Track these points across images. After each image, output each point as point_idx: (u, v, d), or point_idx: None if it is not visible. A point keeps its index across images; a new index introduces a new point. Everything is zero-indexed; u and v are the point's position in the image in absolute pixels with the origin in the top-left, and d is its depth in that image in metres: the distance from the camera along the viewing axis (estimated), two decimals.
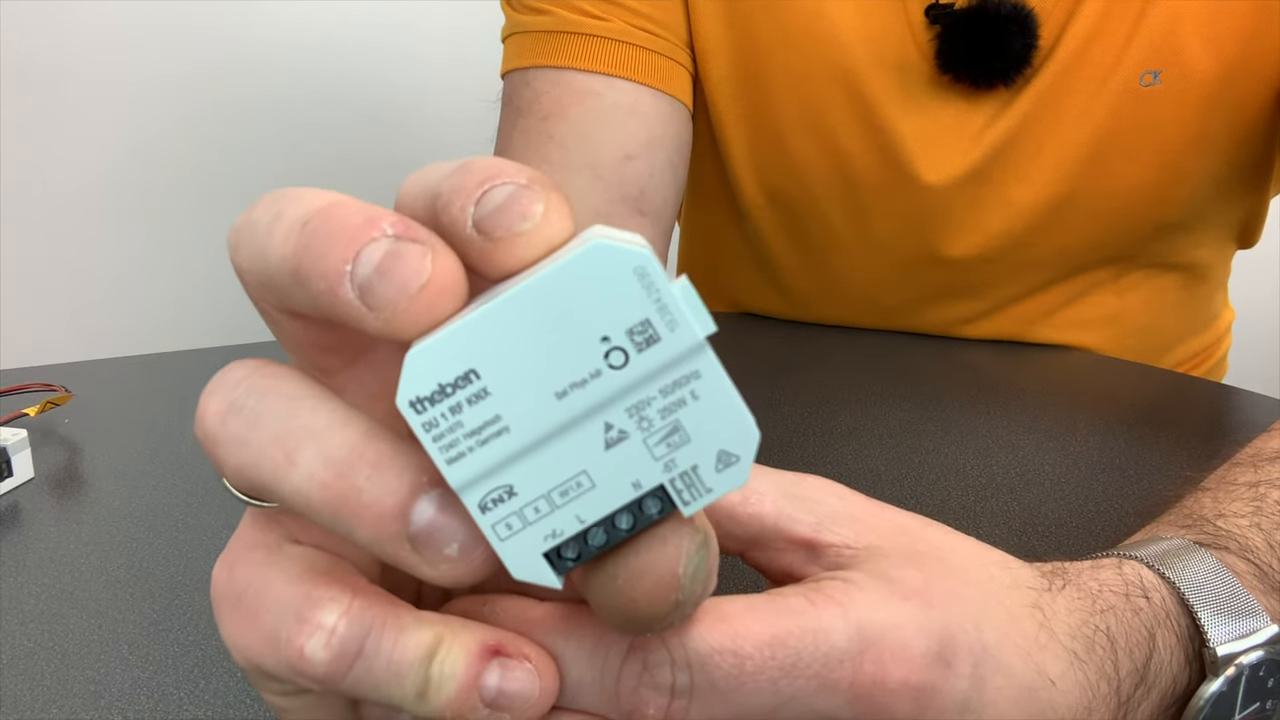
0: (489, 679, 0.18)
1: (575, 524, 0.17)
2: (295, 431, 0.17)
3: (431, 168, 0.18)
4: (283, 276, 0.17)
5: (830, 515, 0.23)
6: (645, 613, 0.17)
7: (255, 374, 0.18)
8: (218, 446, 0.18)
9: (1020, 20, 0.54)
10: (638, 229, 0.56)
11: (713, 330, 0.16)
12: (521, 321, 0.16)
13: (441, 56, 1.13)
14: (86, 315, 1.07)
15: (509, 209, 0.16)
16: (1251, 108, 0.56)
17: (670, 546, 0.17)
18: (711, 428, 0.17)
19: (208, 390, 0.18)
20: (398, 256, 0.16)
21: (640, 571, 0.17)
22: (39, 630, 0.33)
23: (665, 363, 0.16)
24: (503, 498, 0.17)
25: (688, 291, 0.16)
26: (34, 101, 1.00)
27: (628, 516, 0.17)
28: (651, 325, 0.16)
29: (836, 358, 0.62)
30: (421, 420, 0.16)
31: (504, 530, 0.17)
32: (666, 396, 0.17)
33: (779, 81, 0.59)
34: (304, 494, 0.17)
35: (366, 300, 0.16)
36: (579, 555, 0.17)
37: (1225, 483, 0.30)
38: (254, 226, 0.17)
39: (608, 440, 0.17)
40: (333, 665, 0.17)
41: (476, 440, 0.16)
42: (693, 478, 0.17)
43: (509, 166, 0.17)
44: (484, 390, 0.16)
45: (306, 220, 0.16)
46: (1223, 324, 0.75)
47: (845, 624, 0.20)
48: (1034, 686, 0.21)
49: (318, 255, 0.16)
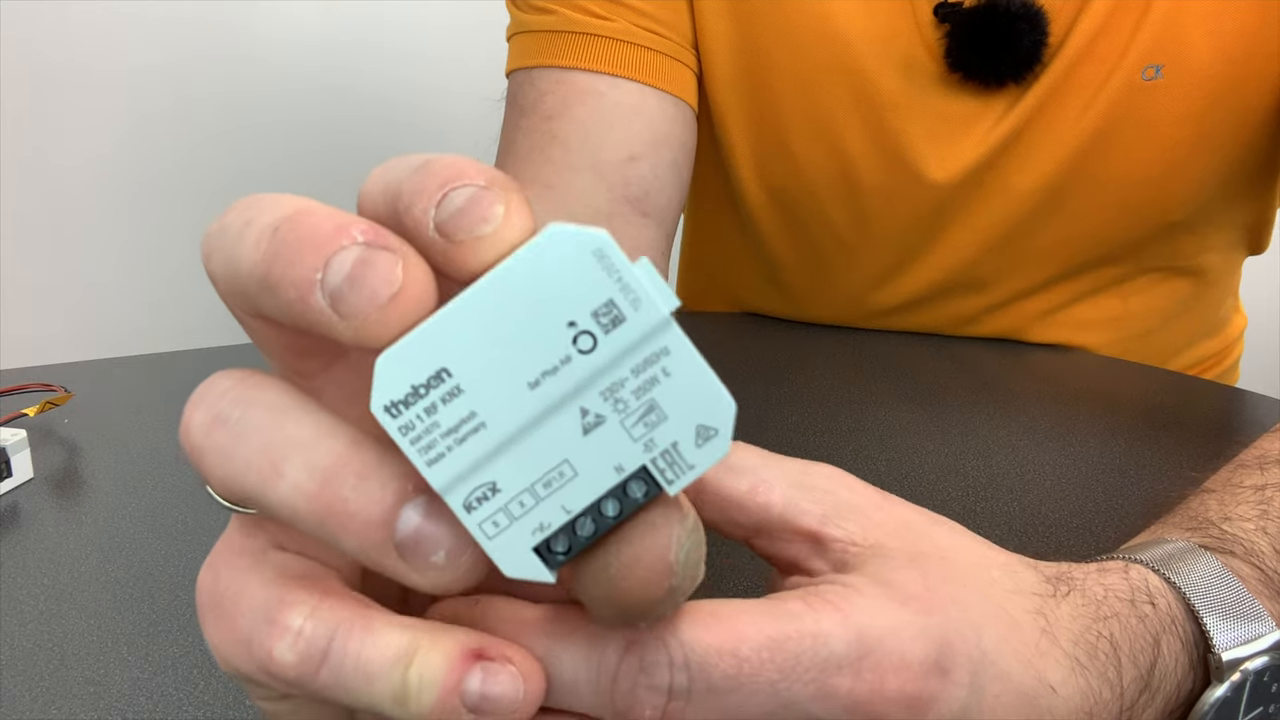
0: (471, 683, 0.18)
1: (562, 514, 0.17)
2: (281, 443, 0.17)
3: (393, 164, 0.18)
4: (253, 284, 0.17)
5: (837, 507, 0.23)
6: (639, 601, 0.17)
7: (240, 385, 0.18)
8: (203, 457, 0.18)
9: (1030, 18, 0.54)
10: (640, 230, 0.56)
11: (676, 305, 0.16)
12: (486, 314, 0.16)
13: (445, 55, 1.13)
14: (86, 315, 1.07)
15: (469, 212, 0.16)
16: (1256, 108, 0.56)
17: (661, 533, 0.17)
18: (686, 403, 0.17)
19: (192, 401, 0.18)
20: (368, 264, 0.16)
21: (633, 559, 0.17)
22: (39, 630, 0.33)
23: (633, 342, 0.16)
24: (487, 495, 0.17)
25: (648, 270, 0.16)
26: (34, 101, 1.00)
27: (614, 503, 0.17)
28: (615, 305, 0.16)
29: (837, 357, 0.62)
30: (397, 424, 0.16)
31: (491, 528, 0.17)
32: (638, 376, 0.17)
33: (784, 82, 0.59)
34: (290, 505, 0.17)
35: (338, 309, 0.16)
36: (569, 547, 0.17)
37: (1231, 485, 0.30)
38: (225, 233, 0.17)
39: (585, 426, 0.17)
40: (301, 667, 0.17)
41: (454, 439, 0.16)
42: (674, 455, 0.17)
43: (469, 167, 0.17)
44: (457, 388, 0.16)
45: (276, 227, 0.16)
46: (1233, 330, 0.74)
47: (844, 630, 0.20)
48: (1034, 693, 0.21)
49: (288, 263, 0.16)
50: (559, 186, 0.55)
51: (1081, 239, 0.61)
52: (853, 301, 0.67)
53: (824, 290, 0.67)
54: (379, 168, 0.18)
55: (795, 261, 0.67)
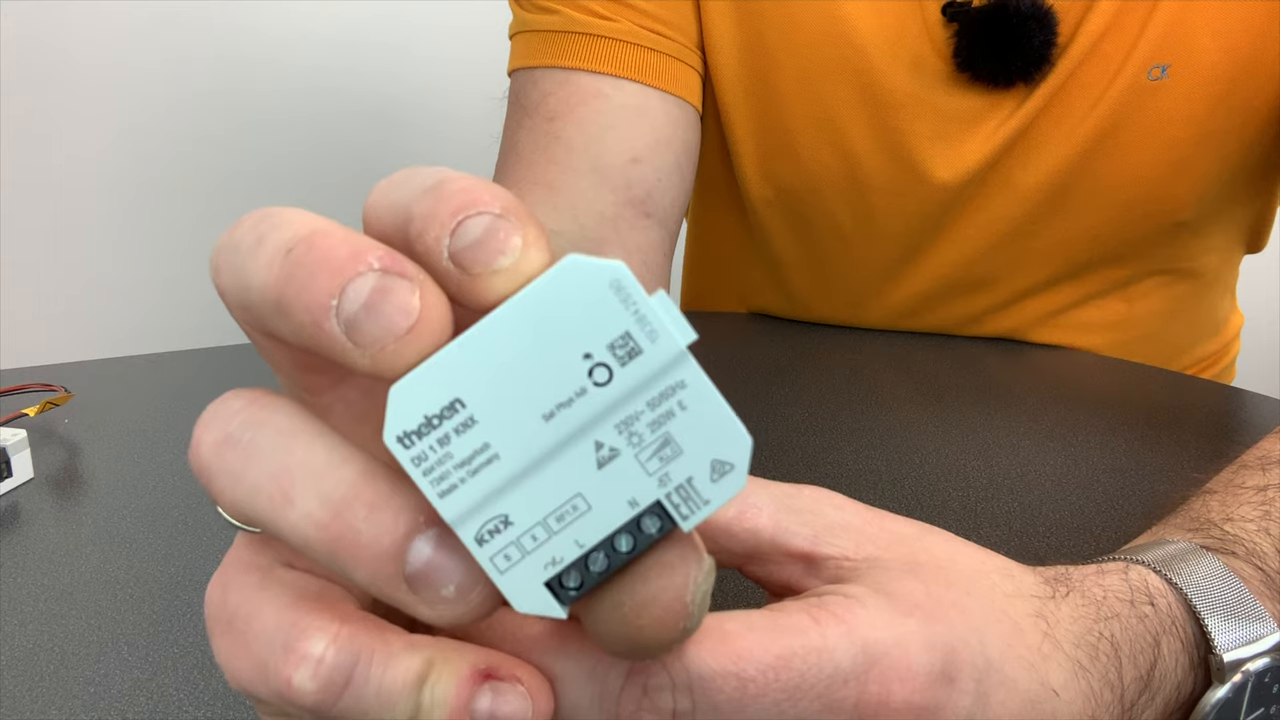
0: (480, 703, 0.17)
1: (575, 549, 0.17)
2: (291, 469, 0.17)
3: (400, 180, 0.17)
4: (265, 305, 0.16)
5: (827, 527, 0.23)
6: (651, 641, 0.17)
7: (252, 405, 0.18)
8: (213, 479, 0.18)
9: (1040, 17, 0.54)
10: (644, 231, 0.56)
11: (693, 339, 0.16)
12: (502, 345, 0.16)
13: (446, 53, 1.13)
14: (86, 315, 1.07)
15: (486, 244, 0.16)
16: (1261, 108, 0.56)
17: (678, 574, 0.17)
18: (702, 437, 0.17)
19: (202, 421, 0.18)
20: (385, 293, 0.15)
21: (649, 600, 0.17)
22: (39, 630, 0.33)
23: (649, 375, 0.16)
24: (499, 528, 0.17)
25: (665, 302, 0.16)
26: (35, 100, 1.00)
27: (627, 538, 0.17)
28: (632, 338, 0.16)
29: (838, 357, 0.62)
30: (410, 455, 0.16)
31: (503, 562, 0.17)
32: (654, 410, 0.16)
33: (790, 81, 0.59)
34: (301, 534, 0.17)
35: (353, 337, 0.15)
36: (582, 583, 0.17)
37: (1233, 486, 0.30)
38: (236, 250, 0.17)
39: (599, 459, 0.16)
40: (321, 695, 0.17)
41: (467, 470, 0.16)
42: (689, 490, 0.17)
43: (484, 193, 0.16)
44: (470, 419, 0.16)
45: (290, 248, 0.16)
46: (1231, 330, 0.74)
47: (849, 643, 0.19)
48: (1037, 698, 0.21)
49: (302, 287, 0.16)
50: (562, 188, 0.55)
51: (1085, 238, 0.61)
52: (857, 301, 0.67)
53: (828, 290, 0.67)
54: (384, 182, 0.18)
55: (799, 261, 0.67)
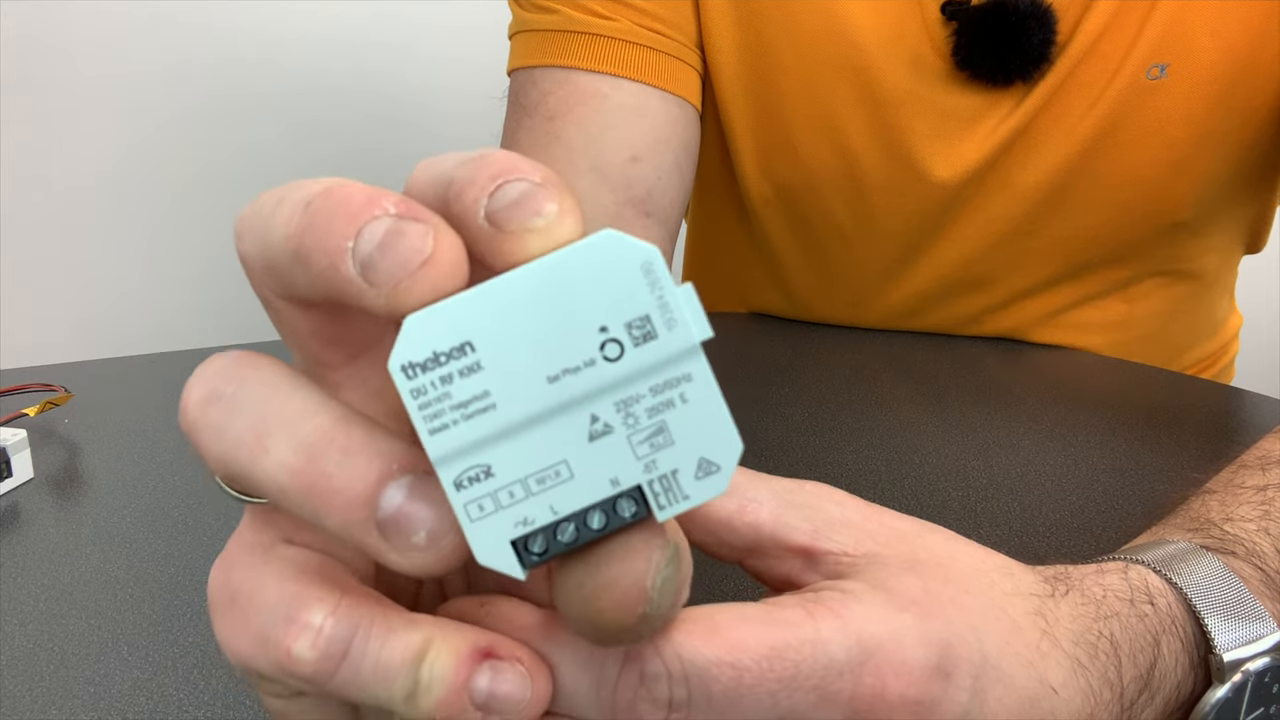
0: (479, 681, 0.18)
1: (548, 514, 0.17)
2: (268, 418, 0.17)
3: (444, 156, 0.18)
4: (285, 257, 0.17)
5: (828, 522, 0.23)
6: (611, 624, 0.17)
7: (236, 363, 0.18)
8: (199, 435, 0.18)
9: (1039, 16, 0.54)
10: (643, 230, 0.56)
11: (709, 336, 0.16)
12: (524, 300, 0.16)
13: (446, 53, 1.13)
14: (86, 315, 1.07)
15: (524, 205, 0.16)
16: (1260, 108, 0.56)
17: (639, 559, 0.17)
18: (696, 433, 0.17)
19: (191, 380, 0.19)
20: (399, 234, 0.16)
21: (608, 582, 0.17)
22: (39, 630, 0.33)
23: (659, 361, 0.16)
24: (479, 477, 0.17)
25: (690, 296, 0.16)
26: (35, 101, 1.00)
27: (600, 515, 0.17)
28: (651, 321, 0.16)
29: (838, 357, 0.62)
30: (410, 386, 0.16)
31: (476, 511, 0.17)
32: (655, 396, 0.17)
33: (789, 79, 0.59)
34: (276, 480, 0.17)
35: (368, 276, 0.16)
36: (546, 549, 0.17)
37: (1232, 486, 0.30)
38: (259, 213, 0.18)
39: (592, 432, 0.17)
40: (320, 665, 0.17)
41: (462, 414, 0.16)
42: (671, 482, 0.17)
43: (524, 163, 0.17)
44: (477, 364, 0.16)
45: (309, 201, 0.17)
46: (1230, 330, 0.74)
47: (844, 636, 0.19)
48: (1035, 696, 0.21)
49: (320, 233, 0.16)
50: None
51: (1085, 238, 0.61)
52: (857, 301, 0.67)
53: (828, 289, 0.67)
54: (426, 160, 0.18)
55: (800, 260, 0.67)
